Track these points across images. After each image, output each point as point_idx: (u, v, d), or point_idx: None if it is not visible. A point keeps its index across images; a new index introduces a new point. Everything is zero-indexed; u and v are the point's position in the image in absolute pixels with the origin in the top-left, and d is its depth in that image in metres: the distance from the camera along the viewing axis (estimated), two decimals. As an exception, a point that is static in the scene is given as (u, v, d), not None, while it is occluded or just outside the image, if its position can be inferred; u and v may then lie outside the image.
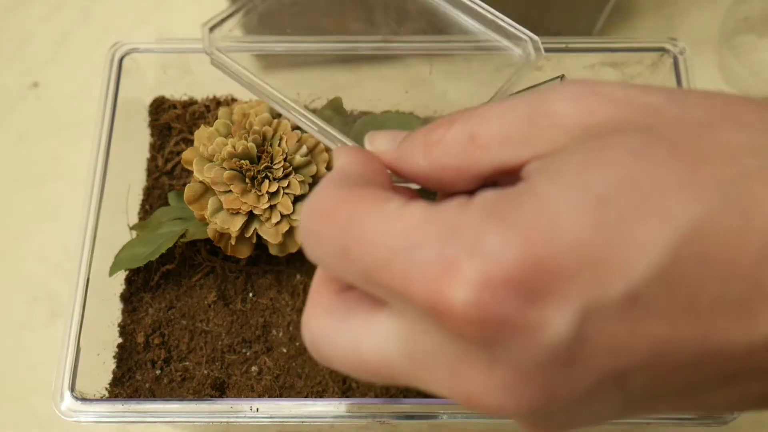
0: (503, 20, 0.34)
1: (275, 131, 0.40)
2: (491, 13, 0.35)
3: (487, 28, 0.35)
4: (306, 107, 0.35)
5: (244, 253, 0.40)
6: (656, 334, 0.17)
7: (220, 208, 0.39)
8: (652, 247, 0.17)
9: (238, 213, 0.39)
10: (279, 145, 0.39)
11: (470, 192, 0.21)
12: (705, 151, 0.18)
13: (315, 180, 0.40)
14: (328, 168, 0.39)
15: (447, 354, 0.19)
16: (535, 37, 0.33)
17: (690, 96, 0.20)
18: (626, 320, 0.17)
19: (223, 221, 0.39)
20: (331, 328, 0.21)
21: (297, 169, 0.40)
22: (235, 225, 0.39)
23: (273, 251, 0.40)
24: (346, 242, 0.19)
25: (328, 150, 0.39)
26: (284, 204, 0.39)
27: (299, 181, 0.39)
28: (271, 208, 0.39)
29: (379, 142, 0.24)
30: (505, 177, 0.21)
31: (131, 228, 0.43)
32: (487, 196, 0.19)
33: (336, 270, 0.21)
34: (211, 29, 0.34)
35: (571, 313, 0.17)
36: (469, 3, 0.35)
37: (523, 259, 0.17)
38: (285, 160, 0.39)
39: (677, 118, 0.19)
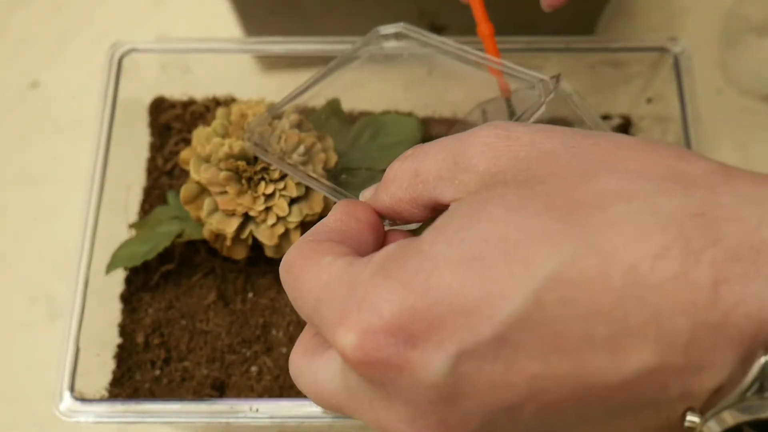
0: (512, 68, 0.34)
1: (273, 131, 0.40)
2: (498, 64, 0.35)
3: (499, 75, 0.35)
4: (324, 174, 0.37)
5: (239, 254, 0.40)
6: (530, 371, 0.19)
7: (215, 209, 0.39)
8: (515, 293, 0.19)
9: (233, 214, 0.39)
10: (277, 144, 0.39)
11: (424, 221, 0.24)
12: (578, 200, 0.20)
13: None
14: (325, 168, 0.39)
15: (366, 392, 0.22)
16: (546, 78, 0.33)
17: (586, 140, 0.21)
18: (499, 359, 0.19)
19: (218, 222, 0.38)
20: (302, 364, 0.25)
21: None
22: (230, 226, 0.38)
23: (268, 253, 0.40)
24: (294, 293, 0.23)
25: (324, 150, 0.39)
26: (280, 206, 0.38)
27: (296, 184, 0.39)
28: (267, 209, 0.39)
29: (368, 192, 0.27)
30: (445, 209, 0.24)
31: (130, 226, 0.43)
32: (386, 252, 0.21)
33: (299, 314, 0.24)
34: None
35: (445, 355, 0.19)
36: (477, 58, 0.35)
37: (401, 309, 0.20)
38: (281, 159, 0.39)
39: (565, 166, 0.21)
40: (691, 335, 0.18)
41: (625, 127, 0.51)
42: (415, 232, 0.26)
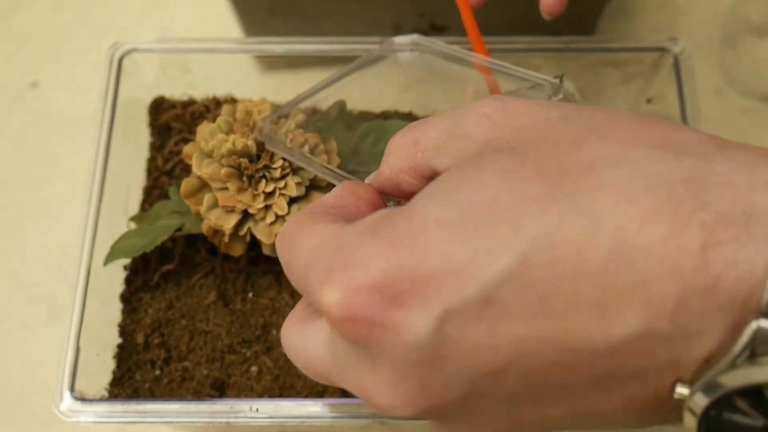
0: (519, 72, 0.34)
1: (278, 130, 0.40)
2: (506, 68, 0.35)
3: (505, 80, 0.35)
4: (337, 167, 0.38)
5: (237, 251, 0.40)
6: (514, 333, 0.19)
7: (215, 204, 0.39)
8: (502, 254, 0.19)
9: (232, 210, 0.39)
10: (282, 142, 0.39)
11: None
12: (569, 165, 0.20)
13: (312, 183, 0.40)
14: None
15: (351, 356, 0.21)
16: (552, 79, 0.33)
17: (582, 113, 0.22)
18: (483, 321, 0.19)
19: (217, 218, 0.39)
20: (293, 332, 0.25)
21: (296, 171, 0.40)
22: (229, 222, 0.38)
23: (266, 251, 0.40)
24: (287, 258, 0.23)
25: (327, 152, 0.39)
26: (279, 205, 0.39)
27: (296, 183, 0.39)
28: (267, 208, 0.39)
29: (373, 176, 0.27)
30: None
31: (130, 219, 0.43)
32: (377, 214, 0.22)
33: (291, 282, 0.24)
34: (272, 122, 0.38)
35: (430, 315, 0.19)
36: (485, 63, 0.35)
37: (387, 267, 0.20)
38: (285, 160, 0.39)
39: (558, 133, 0.21)
40: (679, 300, 0.18)
41: (625, 127, 0.51)
42: None
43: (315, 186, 0.40)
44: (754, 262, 0.18)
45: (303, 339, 0.24)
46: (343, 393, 0.39)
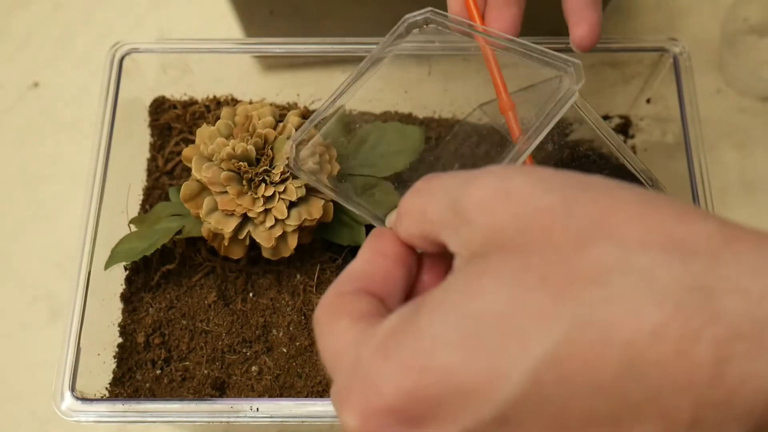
0: (536, 50, 0.33)
1: (278, 134, 0.40)
2: (523, 46, 0.33)
3: (525, 58, 0.34)
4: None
5: (237, 253, 0.40)
6: None
7: (215, 208, 0.39)
8: (514, 373, 0.19)
9: (232, 214, 0.39)
10: (282, 149, 0.39)
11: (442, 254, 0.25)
12: (574, 273, 0.19)
13: (313, 185, 0.40)
14: (327, 177, 0.39)
15: None
16: (577, 62, 0.32)
17: (584, 196, 0.21)
18: None
19: (217, 221, 0.38)
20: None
21: (295, 175, 0.39)
22: (228, 226, 0.38)
23: (265, 254, 0.40)
24: (319, 348, 0.24)
25: (330, 162, 0.39)
26: (279, 209, 0.38)
27: (296, 187, 0.39)
28: (266, 211, 0.39)
29: (393, 216, 0.27)
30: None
31: (130, 222, 0.43)
32: (390, 323, 0.22)
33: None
34: (297, 146, 0.37)
35: None
36: (500, 41, 0.35)
37: (400, 390, 0.20)
38: (285, 165, 0.39)
39: (562, 230, 0.20)
40: (694, 414, 0.18)
41: (625, 127, 0.51)
42: None
43: (315, 189, 0.40)
44: None
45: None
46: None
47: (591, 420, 0.19)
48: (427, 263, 0.26)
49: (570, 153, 0.40)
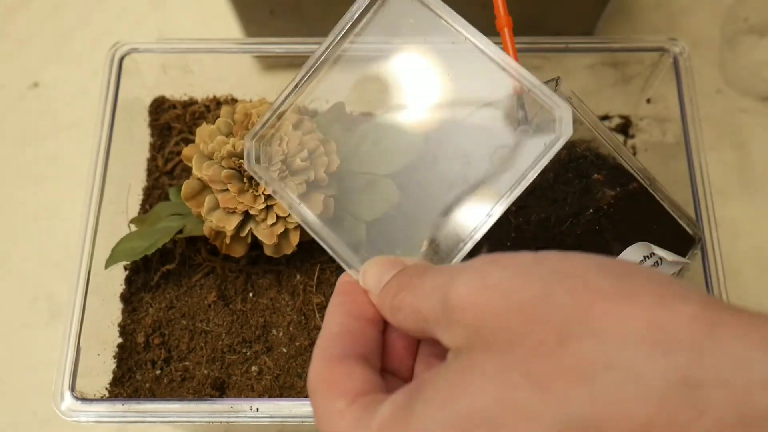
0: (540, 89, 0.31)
1: (276, 132, 0.40)
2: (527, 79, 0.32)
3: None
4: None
5: (238, 252, 0.40)
6: None
7: (216, 206, 0.39)
8: None
9: (234, 212, 0.39)
10: (279, 146, 0.39)
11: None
12: (559, 368, 0.20)
13: (313, 184, 0.40)
14: (326, 172, 0.39)
15: None
16: (567, 107, 0.30)
17: (561, 287, 0.21)
18: None
19: (218, 219, 0.39)
20: None
21: (295, 173, 0.39)
22: (230, 224, 0.39)
23: (268, 252, 0.40)
24: (315, 419, 0.25)
25: (327, 154, 0.39)
26: (280, 206, 0.39)
27: (296, 184, 0.39)
28: (268, 209, 0.39)
29: (369, 280, 0.28)
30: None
31: (130, 222, 0.43)
32: (383, 416, 0.22)
33: None
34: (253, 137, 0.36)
35: None
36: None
37: None
38: (283, 162, 0.39)
39: (543, 325, 0.21)
40: None
41: (625, 127, 0.51)
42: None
43: (316, 186, 0.40)
44: None
45: None
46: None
47: None
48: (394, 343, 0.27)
49: (567, 153, 0.40)
